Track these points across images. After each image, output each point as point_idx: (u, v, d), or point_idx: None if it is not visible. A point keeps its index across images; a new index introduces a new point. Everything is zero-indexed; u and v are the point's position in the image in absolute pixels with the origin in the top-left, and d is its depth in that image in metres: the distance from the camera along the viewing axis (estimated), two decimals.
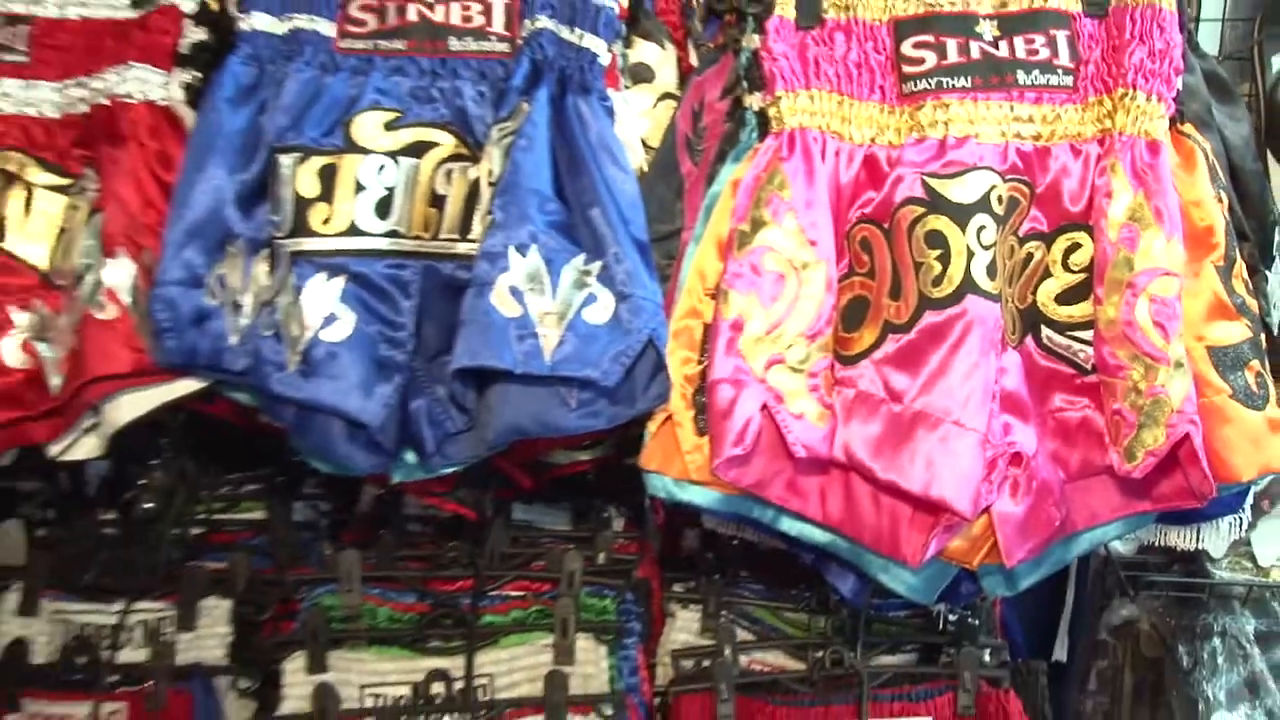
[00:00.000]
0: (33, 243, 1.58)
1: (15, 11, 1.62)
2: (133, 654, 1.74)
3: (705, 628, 1.85)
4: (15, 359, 1.54)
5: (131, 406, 1.54)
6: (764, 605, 1.89)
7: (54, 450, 1.57)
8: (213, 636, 1.76)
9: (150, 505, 1.84)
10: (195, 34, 1.60)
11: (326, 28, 1.58)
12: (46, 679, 1.73)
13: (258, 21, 1.57)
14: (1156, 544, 1.74)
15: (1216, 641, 2.02)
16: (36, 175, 1.59)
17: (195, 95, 1.58)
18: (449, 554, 1.81)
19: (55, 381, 1.54)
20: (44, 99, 1.62)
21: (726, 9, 1.67)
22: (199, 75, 1.59)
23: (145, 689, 1.72)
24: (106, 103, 1.57)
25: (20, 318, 1.55)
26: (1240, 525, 1.64)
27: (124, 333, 1.51)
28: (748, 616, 1.88)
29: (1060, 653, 2.21)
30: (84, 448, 1.58)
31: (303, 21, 1.58)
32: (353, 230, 1.52)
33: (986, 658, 1.80)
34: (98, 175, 1.57)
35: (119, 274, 1.52)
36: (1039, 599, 2.17)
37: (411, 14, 1.58)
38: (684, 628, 1.86)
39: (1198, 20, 1.83)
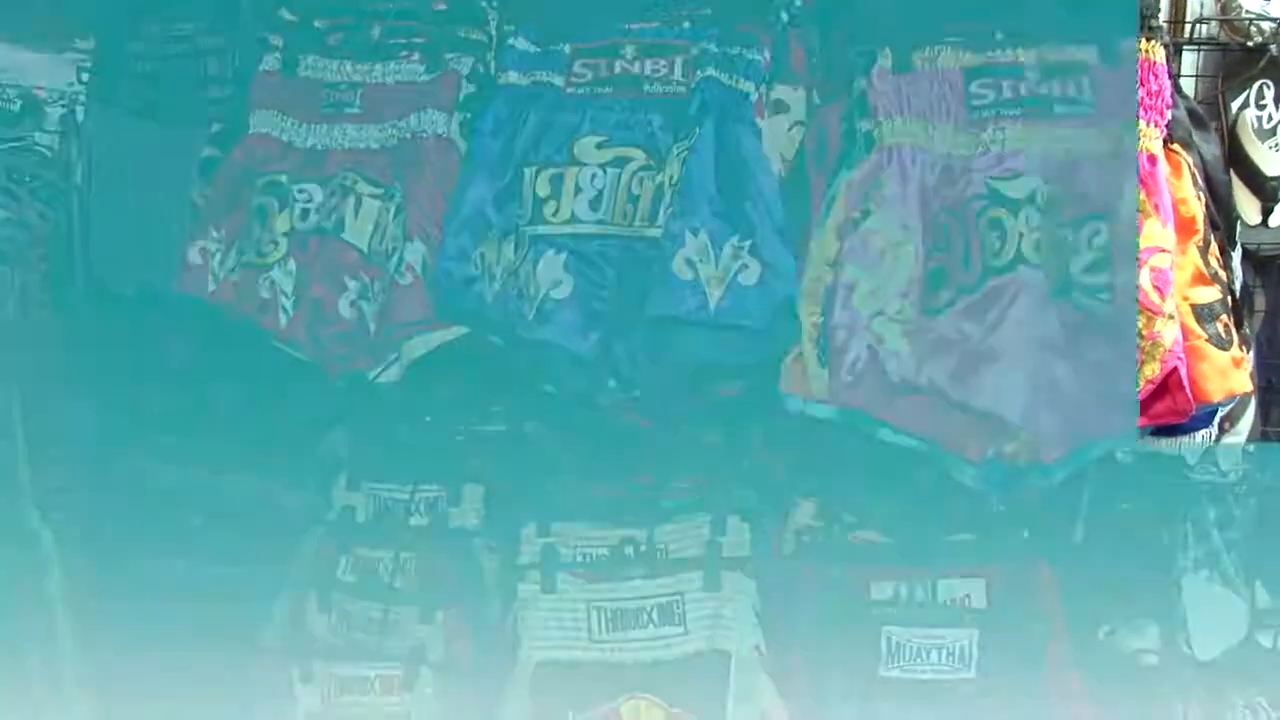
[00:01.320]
0: (359, 233, 1.79)
1: (355, 80, 1.85)
2: (419, 520, 1.94)
3: None
4: (347, 312, 1.78)
5: (422, 345, 1.76)
6: None
7: (371, 375, 1.79)
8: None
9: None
10: (468, 88, 1.82)
11: (558, 80, 1.78)
12: (366, 532, 1.95)
13: (510, 77, 1.80)
14: None
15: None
16: (363, 187, 1.81)
17: (467, 129, 1.80)
18: None
19: (372, 328, 1.77)
20: (370, 136, 1.84)
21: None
22: (469, 115, 1.80)
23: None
24: (409, 137, 1.80)
25: (351, 284, 1.79)
26: (1210, 439, 1.74)
27: (418, 294, 1.73)
28: None
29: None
30: (390, 374, 1.79)
31: (541, 76, 1.79)
32: (573, 219, 1.70)
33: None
34: (402, 186, 1.79)
35: (415, 253, 1.75)
36: None
37: (617, 69, 1.77)
38: None
39: (1180, 75, 1.86)
